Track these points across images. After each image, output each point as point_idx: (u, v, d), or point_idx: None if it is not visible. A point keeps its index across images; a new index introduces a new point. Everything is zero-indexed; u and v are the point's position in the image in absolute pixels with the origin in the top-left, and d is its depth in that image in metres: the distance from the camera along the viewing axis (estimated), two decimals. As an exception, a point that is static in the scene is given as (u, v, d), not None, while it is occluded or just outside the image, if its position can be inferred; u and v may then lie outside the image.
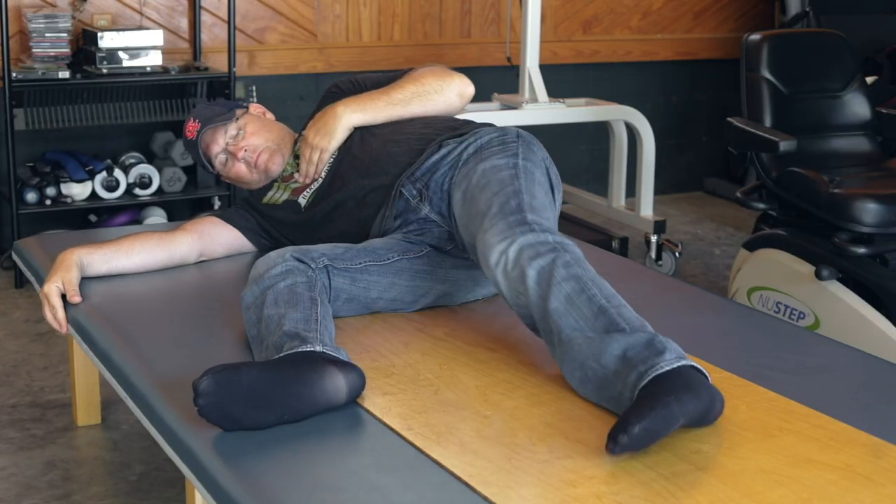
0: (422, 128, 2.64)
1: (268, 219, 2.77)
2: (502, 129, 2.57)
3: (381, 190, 2.56)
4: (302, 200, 2.69)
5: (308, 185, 2.70)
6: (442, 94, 2.71)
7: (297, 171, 2.73)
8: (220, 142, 2.75)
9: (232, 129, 2.76)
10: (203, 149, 2.76)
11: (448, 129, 2.63)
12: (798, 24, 5.06)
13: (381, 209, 2.55)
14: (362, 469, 1.80)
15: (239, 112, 2.79)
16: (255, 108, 2.88)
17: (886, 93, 4.40)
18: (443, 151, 2.54)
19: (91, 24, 4.43)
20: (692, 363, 1.92)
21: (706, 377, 1.93)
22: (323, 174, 2.69)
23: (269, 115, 2.89)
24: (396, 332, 2.33)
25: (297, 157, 2.76)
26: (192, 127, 2.77)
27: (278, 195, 2.75)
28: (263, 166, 2.74)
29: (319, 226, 2.65)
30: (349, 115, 2.65)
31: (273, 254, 2.29)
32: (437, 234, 2.52)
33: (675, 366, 1.88)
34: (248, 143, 2.74)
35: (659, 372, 1.87)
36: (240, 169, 2.76)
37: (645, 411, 1.79)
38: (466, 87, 2.73)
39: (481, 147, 2.49)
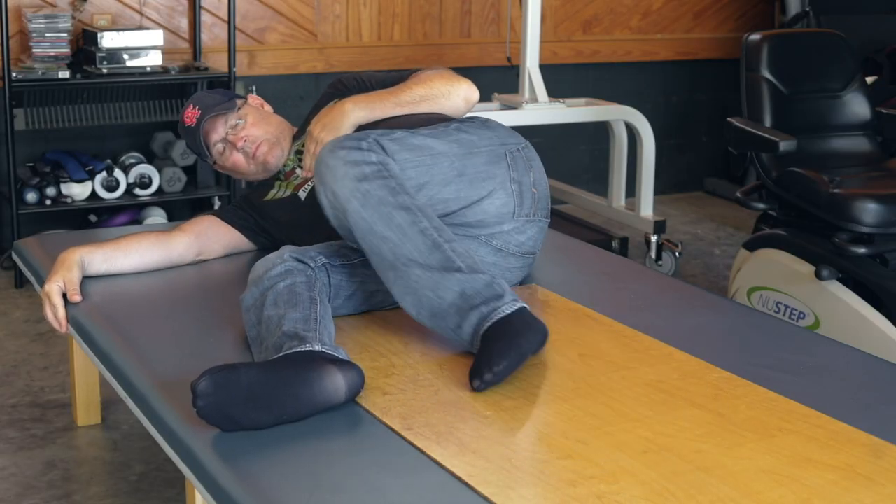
0: (419, 122, 2.63)
1: (267, 218, 2.77)
2: (512, 132, 2.57)
3: None
4: (302, 194, 2.69)
5: (308, 180, 2.70)
6: (449, 98, 2.70)
7: (299, 167, 2.73)
8: (219, 130, 2.75)
9: (232, 118, 2.75)
10: (202, 136, 2.75)
11: (445, 120, 2.62)
12: (798, 24, 5.06)
13: None
14: (362, 469, 1.80)
15: (239, 102, 2.79)
16: (254, 99, 2.88)
17: (886, 93, 4.40)
18: None
19: (91, 24, 4.43)
20: (524, 304, 2.16)
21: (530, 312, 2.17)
22: None
23: (268, 108, 2.89)
24: (396, 332, 2.33)
25: (298, 152, 2.76)
26: (191, 113, 2.76)
27: (281, 193, 2.75)
28: (262, 158, 2.74)
29: (319, 219, 2.64)
30: (356, 112, 2.65)
31: (272, 255, 2.29)
32: None
33: (514, 308, 2.13)
34: (248, 133, 2.74)
35: (501, 315, 2.11)
36: (237, 159, 2.75)
37: (503, 351, 2.05)
38: (473, 93, 2.74)
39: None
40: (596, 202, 4.93)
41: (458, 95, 2.71)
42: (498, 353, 2.05)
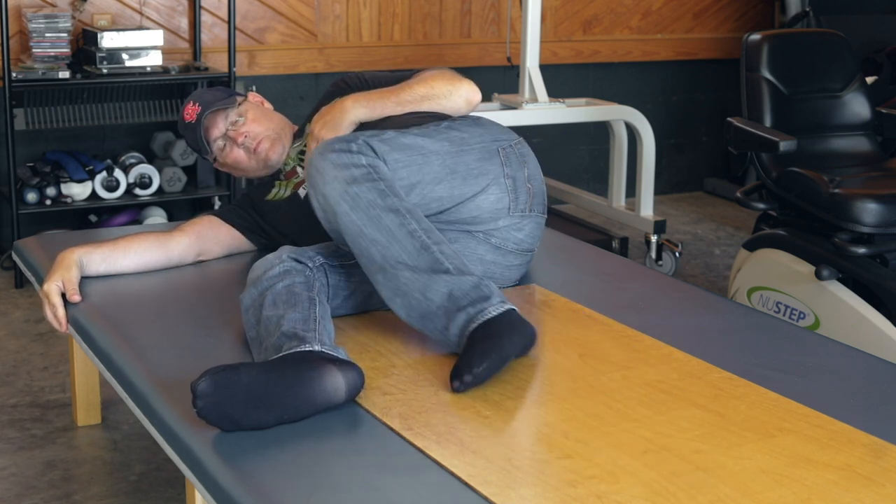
0: (418, 119, 2.63)
1: (268, 218, 2.77)
2: (505, 129, 2.57)
3: None
4: (302, 193, 2.69)
5: None
6: (450, 98, 2.69)
7: (300, 166, 2.73)
8: (220, 126, 2.74)
9: (233, 114, 2.75)
10: (203, 132, 2.74)
11: (437, 119, 2.61)
12: (798, 24, 5.06)
13: None
14: (362, 469, 1.80)
15: (239, 99, 2.79)
16: (254, 97, 2.87)
17: (886, 93, 4.41)
18: None
19: (91, 24, 4.43)
20: (512, 306, 2.16)
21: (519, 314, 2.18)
22: None
23: (268, 105, 2.89)
24: (396, 332, 2.33)
25: (301, 153, 2.76)
26: (191, 110, 2.75)
27: (282, 192, 2.75)
28: (264, 154, 2.74)
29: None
30: (357, 110, 2.64)
31: (270, 256, 2.29)
32: None
33: (501, 310, 2.13)
34: (248, 129, 2.74)
35: (488, 317, 2.11)
36: (238, 155, 2.75)
37: (486, 352, 2.05)
38: (474, 94, 2.72)
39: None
40: (596, 202, 4.93)
41: (459, 96, 2.70)
42: (479, 354, 2.05)
